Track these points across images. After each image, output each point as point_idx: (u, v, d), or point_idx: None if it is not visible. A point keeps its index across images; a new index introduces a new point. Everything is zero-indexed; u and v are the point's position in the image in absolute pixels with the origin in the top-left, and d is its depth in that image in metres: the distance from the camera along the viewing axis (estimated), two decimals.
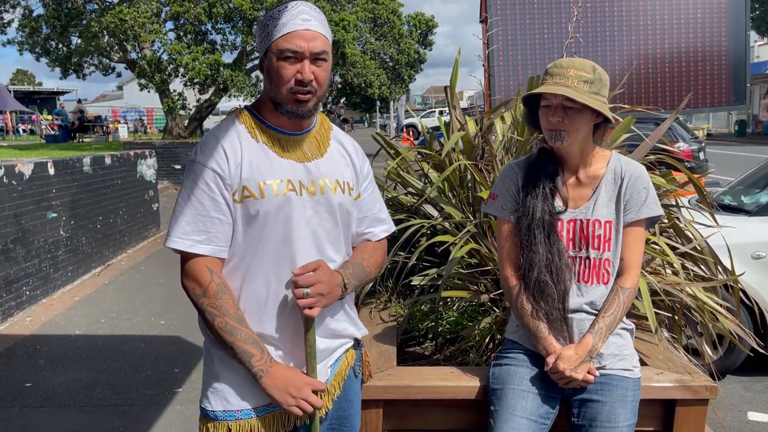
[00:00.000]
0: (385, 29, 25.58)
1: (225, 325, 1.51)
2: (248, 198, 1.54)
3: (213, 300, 1.51)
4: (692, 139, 10.84)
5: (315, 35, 1.54)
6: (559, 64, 1.84)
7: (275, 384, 1.52)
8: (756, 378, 4.14)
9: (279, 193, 1.55)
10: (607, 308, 1.85)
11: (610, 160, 1.93)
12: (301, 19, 1.53)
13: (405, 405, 2.02)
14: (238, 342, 1.51)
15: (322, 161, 1.65)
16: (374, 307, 2.68)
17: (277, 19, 1.54)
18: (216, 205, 1.53)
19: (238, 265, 1.58)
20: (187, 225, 1.53)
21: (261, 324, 1.58)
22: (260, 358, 1.52)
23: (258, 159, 1.57)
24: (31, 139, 30.67)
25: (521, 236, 1.88)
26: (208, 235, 1.53)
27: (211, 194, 1.53)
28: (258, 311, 1.58)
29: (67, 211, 6.33)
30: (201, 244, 1.53)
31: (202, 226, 1.53)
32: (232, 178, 1.54)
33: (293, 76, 1.53)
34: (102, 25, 18.03)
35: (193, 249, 1.53)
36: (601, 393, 1.84)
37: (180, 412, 3.67)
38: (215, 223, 1.53)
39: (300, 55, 1.53)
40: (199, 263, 1.53)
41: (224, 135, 1.58)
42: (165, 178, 12.77)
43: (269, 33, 1.54)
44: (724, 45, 3.70)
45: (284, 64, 1.53)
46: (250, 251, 1.57)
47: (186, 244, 1.53)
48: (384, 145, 3.14)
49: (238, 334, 1.51)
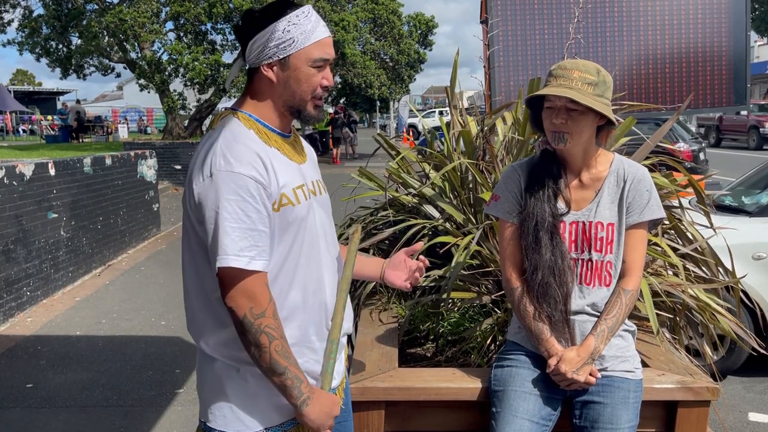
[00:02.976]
0: (385, 29, 25.56)
1: (281, 348, 1.45)
2: (286, 206, 1.51)
3: (272, 321, 1.45)
4: (693, 140, 10.85)
5: (332, 41, 1.59)
6: (563, 66, 1.84)
7: (320, 410, 1.51)
8: (757, 379, 4.14)
9: (307, 197, 1.58)
10: (609, 310, 1.85)
11: (612, 162, 1.93)
12: (322, 25, 1.55)
13: (407, 406, 2.02)
14: (291, 366, 1.46)
15: (308, 163, 1.68)
16: (375, 308, 2.69)
17: (299, 25, 1.51)
18: (261, 217, 1.46)
19: (278, 275, 1.53)
20: (240, 241, 1.43)
21: (300, 329, 1.56)
22: (307, 385, 1.49)
23: (281, 164, 1.54)
24: (31, 139, 30.66)
25: (526, 238, 1.88)
26: (258, 250, 1.45)
27: (257, 206, 1.45)
28: (299, 318, 1.56)
29: (68, 211, 6.33)
30: (255, 260, 1.44)
31: (253, 241, 1.45)
32: (272, 187, 1.49)
33: (319, 82, 1.56)
34: (102, 25, 18.03)
35: (250, 266, 1.43)
36: (602, 395, 1.84)
37: (181, 413, 3.68)
38: (263, 237, 1.47)
39: (327, 62, 1.56)
40: (258, 280, 1.45)
41: (249, 141, 1.50)
42: (165, 179, 12.77)
43: (294, 39, 1.51)
44: (725, 45, 3.69)
45: (314, 71, 1.54)
46: (288, 260, 1.54)
47: (243, 261, 1.42)
48: (385, 145, 3.14)
49: (291, 358, 1.47)
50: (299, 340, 1.56)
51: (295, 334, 1.54)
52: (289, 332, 1.52)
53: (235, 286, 1.44)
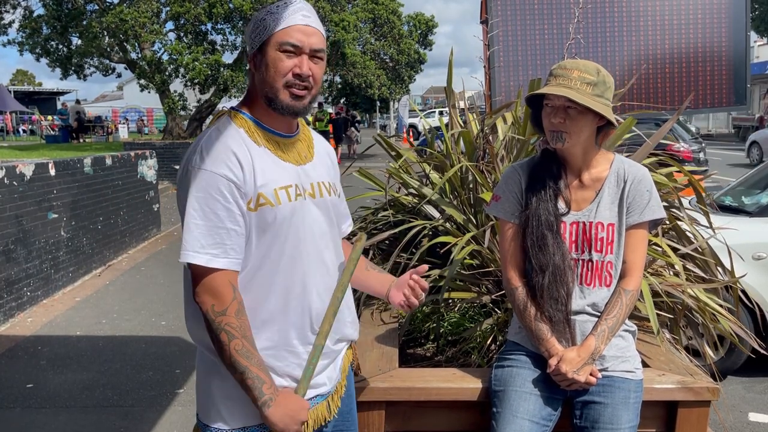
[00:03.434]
0: (385, 29, 25.56)
1: (242, 347, 1.45)
2: (264, 206, 1.50)
3: (233, 319, 1.45)
4: (692, 140, 10.86)
5: (315, 32, 1.55)
6: (563, 66, 1.84)
7: (284, 413, 1.48)
8: (757, 379, 4.14)
9: (292, 198, 1.54)
10: (609, 310, 1.86)
11: (613, 163, 1.93)
12: (301, 15, 1.53)
13: (407, 406, 2.02)
14: (252, 367, 1.45)
15: (314, 163, 1.65)
16: (376, 309, 2.69)
17: (275, 14, 1.53)
18: (231, 215, 1.47)
19: (255, 276, 1.53)
20: (203, 238, 1.45)
21: (280, 333, 1.55)
22: (270, 386, 1.48)
23: (267, 164, 1.53)
24: (31, 139, 30.68)
25: (529, 238, 1.88)
26: (224, 248, 1.46)
27: (226, 204, 1.46)
28: (279, 321, 1.55)
29: (68, 211, 6.34)
30: (218, 257, 1.46)
31: (218, 239, 1.46)
32: (247, 186, 1.48)
33: (290, 69, 1.52)
34: (102, 25, 18.04)
35: (212, 263, 1.45)
36: (603, 395, 1.84)
37: (181, 413, 3.68)
38: (231, 235, 1.47)
39: (299, 49, 1.52)
40: (221, 278, 1.46)
41: (230, 140, 1.51)
42: (165, 179, 12.76)
43: (266, 26, 1.52)
44: (725, 45, 3.69)
45: (282, 56, 1.51)
46: (267, 261, 1.52)
47: (204, 258, 1.45)
48: (385, 146, 3.14)
49: (253, 358, 1.46)
50: (279, 343, 1.54)
51: (275, 338, 1.54)
52: (268, 335, 1.53)
53: (200, 282, 1.47)
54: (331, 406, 1.67)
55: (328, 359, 1.65)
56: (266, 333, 1.53)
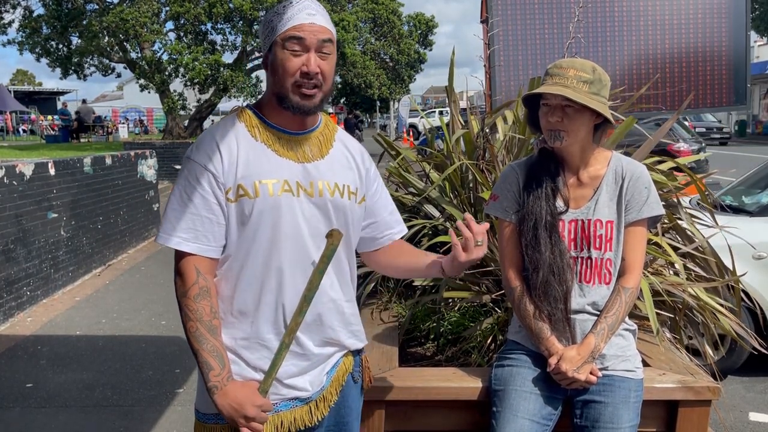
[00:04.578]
0: (385, 29, 25.58)
1: (195, 330, 1.50)
2: (243, 197, 1.52)
3: (191, 302, 1.50)
4: (692, 140, 10.86)
5: (321, 28, 1.54)
6: (558, 65, 1.84)
7: (227, 402, 1.49)
8: (757, 378, 4.13)
9: (274, 192, 1.53)
10: (609, 308, 1.85)
11: (610, 160, 1.93)
12: (306, 13, 1.53)
13: (407, 406, 2.02)
14: (202, 351, 1.50)
15: (322, 163, 1.62)
16: (375, 308, 2.69)
17: (281, 14, 1.54)
18: (206, 203, 1.52)
19: (232, 266, 1.56)
20: (176, 221, 1.52)
21: (253, 326, 1.56)
22: (218, 374, 1.49)
23: (255, 158, 1.55)
24: (31, 139, 30.67)
25: (525, 237, 1.88)
26: (195, 233, 1.52)
27: (203, 192, 1.52)
28: (252, 313, 1.56)
29: (68, 211, 6.33)
30: (188, 242, 1.51)
31: (191, 224, 1.52)
32: (226, 177, 1.52)
33: (299, 68, 1.52)
34: (102, 24, 18.04)
35: (180, 246, 1.51)
36: (603, 394, 1.83)
37: (181, 413, 3.67)
38: (204, 222, 1.52)
39: (305, 46, 1.52)
40: (188, 262, 1.52)
41: (221, 133, 1.57)
42: (165, 179, 12.76)
43: (274, 28, 1.54)
44: (725, 45, 3.69)
45: (289, 55, 1.52)
46: (242, 251, 1.55)
47: (174, 240, 1.51)
48: (385, 145, 3.14)
49: (206, 343, 1.49)
50: (251, 335, 1.57)
51: (248, 329, 1.57)
52: (243, 326, 1.56)
53: (175, 264, 1.55)
54: (314, 413, 1.62)
55: (308, 361, 1.60)
56: (242, 324, 1.57)
